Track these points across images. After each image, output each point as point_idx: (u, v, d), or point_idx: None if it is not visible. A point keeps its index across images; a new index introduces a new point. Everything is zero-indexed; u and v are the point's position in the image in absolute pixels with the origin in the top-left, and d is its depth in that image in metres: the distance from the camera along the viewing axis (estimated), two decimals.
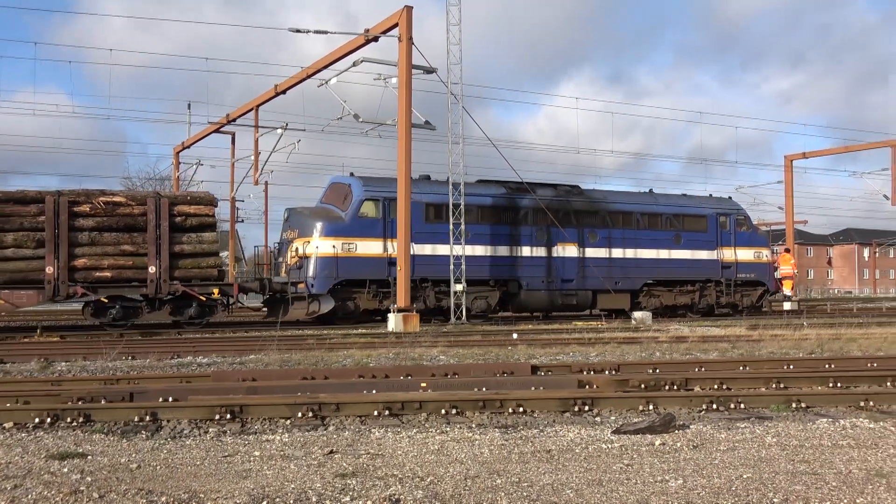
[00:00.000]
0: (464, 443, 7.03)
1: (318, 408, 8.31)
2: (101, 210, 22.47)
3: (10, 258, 21.66)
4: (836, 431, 7.49)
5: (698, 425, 7.80)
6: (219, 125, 35.73)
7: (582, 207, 28.99)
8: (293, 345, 16.46)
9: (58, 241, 21.91)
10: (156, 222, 22.75)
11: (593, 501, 5.13)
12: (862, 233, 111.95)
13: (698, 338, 17.92)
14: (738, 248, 31.60)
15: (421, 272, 25.34)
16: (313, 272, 24.46)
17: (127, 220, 22.71)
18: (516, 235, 27.48)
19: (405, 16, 24.01)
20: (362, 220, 24.93)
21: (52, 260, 21.85)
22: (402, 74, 24.24)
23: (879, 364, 12.36)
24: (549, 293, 27.97)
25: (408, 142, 24.23)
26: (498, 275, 27.27)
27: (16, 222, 21.87)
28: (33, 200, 22.14)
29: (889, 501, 5.07)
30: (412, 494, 5.30)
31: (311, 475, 5.85)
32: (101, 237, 22.48)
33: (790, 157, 48.12)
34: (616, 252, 29.11)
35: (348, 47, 26.28)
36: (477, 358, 14.24)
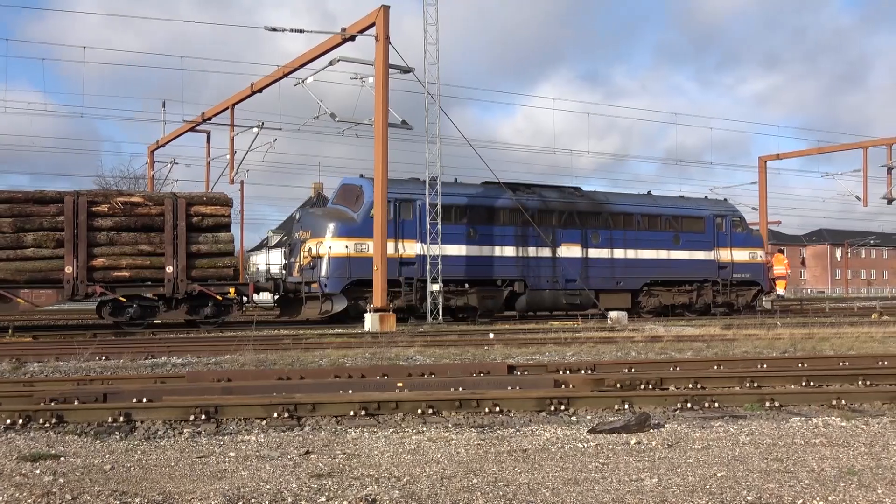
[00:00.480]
0: (440, 442, 7.03)
1: (294, 408, 8.28)
2: (120, 210, 22.82)
3: (31, 258, 21.96)
4: (808, 430, 7.56)
5: (673, 424, 7.85)
6: (194, 124, 35.49)
7: (585, 209, 29.65)
8: (269, 345, 16.39)
9: (77, 241, 22.16)
10: (173, 222, 23.10)
11: (569, 501, 5.15)
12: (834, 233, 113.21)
13: (673, 337, 18.04)
14: (733, 248, 32.44)
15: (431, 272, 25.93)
16: (326, 272, 24.91)
17: (144, 220, 23.06)
18: (522, 236, 28.01)
19: (382, 15, 23.98)
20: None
21: (72, 259, 22.09)
22: (379, 74, 24.21)
23: (851, 363, 12.50)
24: (554, 293, 28.52)
25: (384, 141, 24.20)
26: (504, 275, 27.72)
27: (35, 222, 22.17)
28: (53, 200, 22.41)
29: (861, 499, 5.13)
30: (388, 494, 5.29)
31: (286, 476, 5.83)
32: (120, 237, 22.82)
33: (764, 159, 48.54)
34: (618, 252, 29.84)
35: (325, 46, 26.21)
36: (453, 358, 14.25)
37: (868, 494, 5.22)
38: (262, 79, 30.54)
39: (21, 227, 21.99)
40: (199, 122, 35.33)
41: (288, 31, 24.77)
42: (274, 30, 24.38)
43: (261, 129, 32.82)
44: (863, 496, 5.19)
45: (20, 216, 22.08)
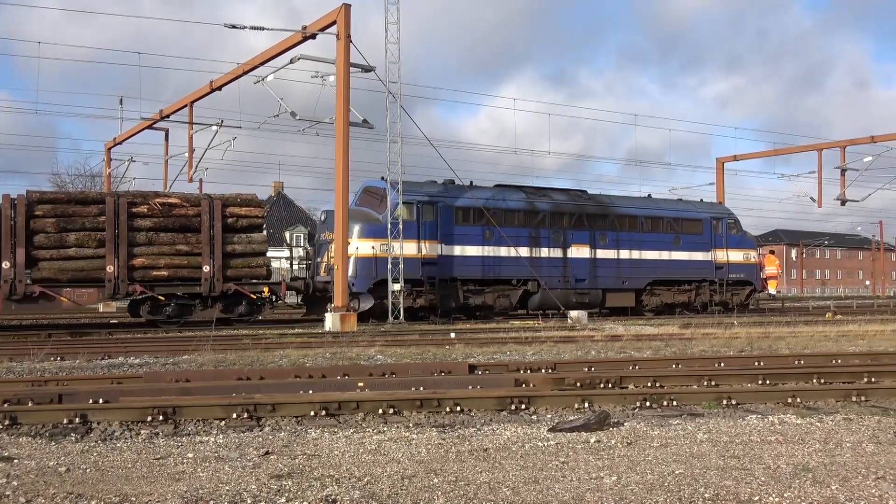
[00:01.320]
0: (401, 442, 7.02)
1: (254, 408, 8.22)
2: (158, 211, 23.53)
3: (73, 257, 22.49)
4: (764, 427, 7.67)
5: (632, 422, 7.91)
6: (152, 121, 35.02)
7: (593, 211, 30.76)
8: (228, 345, 16.24)
9: (118, 241, 22.85)
10: (209, 223, 23.85)
11: (530, 499, 5.17)
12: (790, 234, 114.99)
13: (633, 336, 18.20)
14: (729, 249, 33.80)
15: (451, 272, 27.11)
16: (354, 272, 25.61)
17: (182, 220, 23.77)
18: (535, 238, 29.08)
19: (343, 13, 23.88)
20: (398, 223, 26.09)
21: (113, 259, 22.73)
22: (340, 72, 24.10)
23: (806, 361, 12.70)
24: (565, 292, 29.43)
25: (345, 140, 24.11)
26: (519, 274, 28.56)
27: (77, 222, 22.69)
28: (94, 201, 23.16)
29: (815, 495, 5.21)
30: (349, 495, 5.27)
31: (245, 477, 5.78)
32: (158, 237, 23.45)
33: (721, 160, 49.14)
34: (623, 253, 30.95)
35: (286, 44, 26.04)
36: (415, 357, 14.24)
37: (822, 491, 5.31)
38: (222, 76, 30.25)
39: (64, 227, 22.50)
40: (157, 120, 34.88)
41: (248, 28, 24.56)
42: (234, 27, 24.15)
43: (220, 127, 32.52)
44: (817, 492, 5.27)
45: (63, 216, 22.58)
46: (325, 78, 25.81)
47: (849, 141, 47.63)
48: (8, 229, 21.95)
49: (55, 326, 23.45)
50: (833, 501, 5.07)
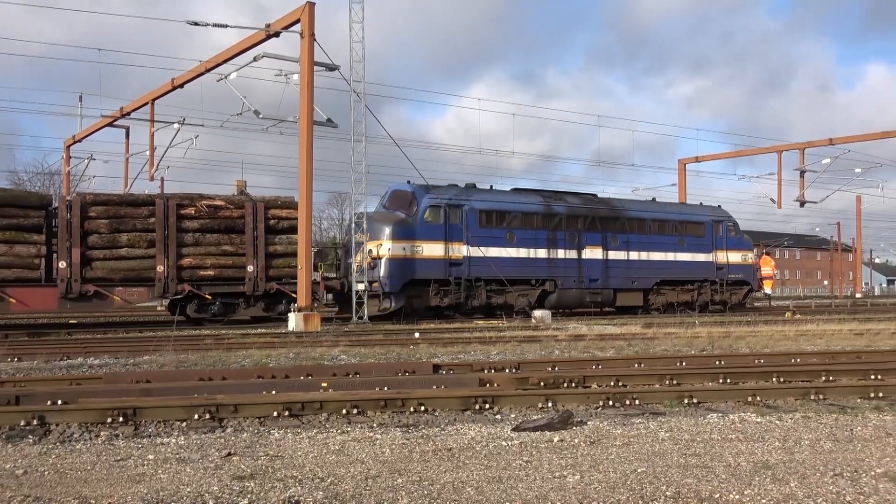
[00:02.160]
0: (365, 442, 7.00)
1: (216, 409, 8.13)
2: (205, 213, 24.54)
3: (125, 257, 23.55)
4: (725, 426, 7.75)
5: (595, 421, 7.96)
6: (112, 118, 34.55)
7: (605, 214, 32.16)
8: (190, 345, 16.09)
9: (167, 242, 23.82)
10: (253, 225, 24.98)
11: (493, 498, 5.17)
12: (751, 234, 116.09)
13: (596, 336, 18.31)
14: (729, 251, 35.52)
15: (475, 272, 28.08)
16: (385, 272, 26.54)
17: (227, 222, 24.85)
18: (552, 239, 30.33)
19: (307, 12, 23.77)
20: (427, 225, 27.31)
21: (163, 259, 23.74)
22: (304, 71, 23.99)
23: (766, 360, 12.87)
24: (580, 291, 30.91)
25: (309, 139, 24.00)
26: (537, 275, 29.89)
27: (129, 224, 23.72)
28: (144, 203, 24.13)
29: (774, 492, 5.28)
30: (312, 495, 5.24)
31: (207, 478, 5.72)
32: (205, 238, 24.47)
33: (683, 161, 49.67)
34: (633, 255, 32.41)
35: (249, 42, 25.85)
36: (378, 357, 14.21)
37: (781, 488, 5.38)
38: (184, 74, 29.93)
39: (116, 228, 23.55)
40: (117, 118, 34.42)
41: (211, 25, 24.32)
42: (196, 24, 23.90)
43: (182, 125, 32.20)
44: (776, 489, 5.34)
45: (115, 218, 23.61)
46: (289, 76, 25.68)
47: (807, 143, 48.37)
48: (64, 230, 22.87)
49: (12, 327, 23.04)
50: (792, 498, 5.14)
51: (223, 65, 27.57)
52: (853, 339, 18.27)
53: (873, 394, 9.54)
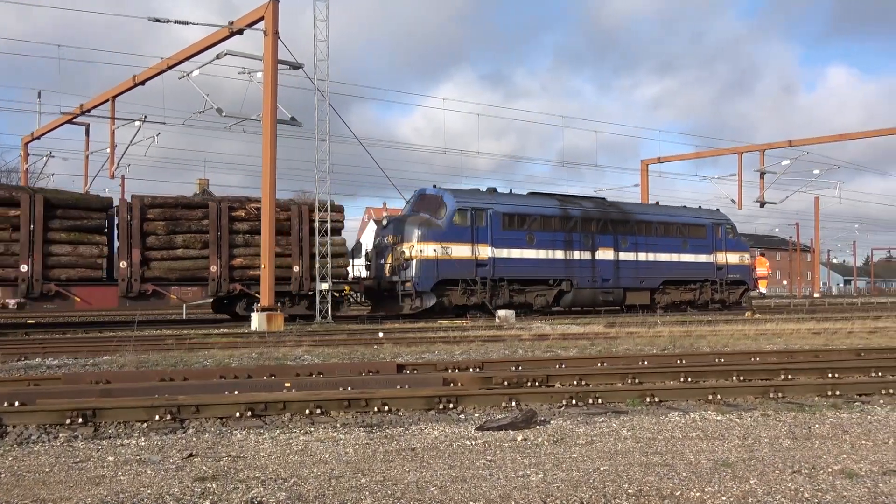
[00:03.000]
0: (328, 443, 6.97)
1: (177, 410, 8.05)
2: (254, 215, 25.44)
3: (181, 258, 24.58)
4: (686, 424, 7.84)
5: (558, 420, 8.00)
6: (72, 115, 34.02)
7: (616, 217, 33.83)
8: (151, 345, 15.91)
9: (220, 243, 24.99)
10: (298, 227, 26.16)
11: (457, 498, 5.18)
12: None
13: (559, 335, 18.40)
14: (727, 252, 37.35)
15: (499, 273, 29.50)
16: (417, 273, 27.76)
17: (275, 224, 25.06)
18: (568, 241, 31.84)
19: (271, 9, 23.61)
20: (455, 227, 28.73)
21: (216, 259, 24.88)
22: (268, 69, 23.83)
23: (726, 359, 13.02)
24: (593, 291, 32.54)
25: (273, 138, 23.84)
26: (555, 275, 31.35)
27: (184, 225, 24.78)
28: (198, 206, 25.22)
29: (734, 489, 5.35)
30: (275, 496, 5.21)
31: (168, 480, 5.66)
32: (253, 239, 25.39)
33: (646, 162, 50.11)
34: (641, 256, 34.11)
35: (212, 39, 25.60)
36: (342, 357, 14.16)
37: (741, 485, 5.45)
38: (145, 71, 29.55)
39: (172, 229, 24.58)
40: (77, 115, 33.89)
41: (173, 22, 24.06)
42: (158, 20, 23.63)
43: (143, 123, 31.77)
44: (736, 486, 5.41)
45: (171, 220, 24.66)
46: (253, 74, 25.48)
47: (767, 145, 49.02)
48: (125, 231, 24.02)
49: None
50: (751, 495, 5.21)
51: (186, 62, 27.29)
52: (811, 338, 18.56)
53: (830, 392, 9.70)
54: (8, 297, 22.61)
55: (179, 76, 27.42)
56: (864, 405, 9.05)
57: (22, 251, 22.63)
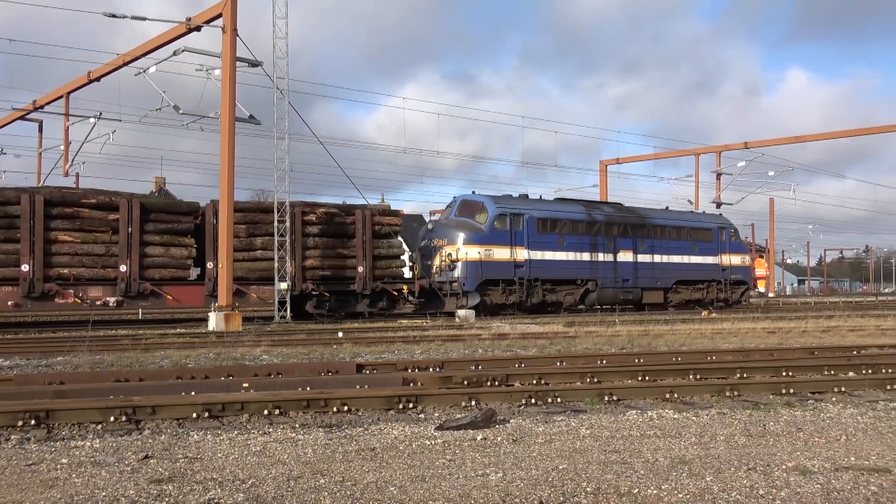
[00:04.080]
0: (287, 443, 6.92)
1: (133, 411, 7.94)
2: (323, 219, 27.54)
3: (259, 259, 26.30)
4: (644, 422, 7.91)
5: (518, 419, 8.02)
6: (24, 112, 33.39)
7: (634, 222, 36.29)
8: (106, 346, 15.67)
9: (294, 245, 26.57)
10: (363, 230, 27.95)
11: (417, 497, 5.17)
12: None
13: (519, 335, 18.47)
14: (731, 254, 39.93)
15: (535, 273, 31.72)
16: (463, 273, 29.96)
17: (340, 228, 27.85)
18: (594, 244, 34.18)
19: (229, 6, 23.38)
20: (496, 231, 30.92)
21: (291, 260, 26.30)
22: (226, 67, 23.60)
23: (683, 358, 13.16)
24: (615, 290, 34.82)
25: (231, 136, 23.62)
26: (581, 275, 33.68)
27: (262, 228, 26.43)
28: (270, 210, 26.46)
29: (691, 487, 5.40)
30: (232, 498, 5.16)
31: (123, 482, 5.58)
32: (322, 242, 27.46)
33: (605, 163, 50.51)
34: (657, 258, 36.54)
35: (170, 35, 25.30)
36: (301, 357, 14.08)
37: (697, 482, 5.51)
38: (101, 67, 29.10)
39: (252, 232, 26.33)
40: (29, 111, 33.27)
41: (129, 18, 23.72)
42: (114, 16, 23.28)
43: (98, 120, 31.28)
44: (693, 484, 5.47)
45: (251, 223, 26.41)
46: (211, 72, 25.23)
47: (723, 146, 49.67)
48: (211, 233, 25.26)
49: None
50: (707, 492, 5.27)
51: (143, 59, 26.91)
52: (766, 337, 18.84)
53: (785, 390, 9.86)
54: (108, 296, 24.14)
55: (136, 73, 27.05)
56: (818, 403, 9.21)
57: (121, 252, 24.22)
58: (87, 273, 23.87)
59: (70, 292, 23.51)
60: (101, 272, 24.03)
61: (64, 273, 23.55)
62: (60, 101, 31.67)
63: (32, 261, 23.10)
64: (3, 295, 23.01)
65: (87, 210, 24.18)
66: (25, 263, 23.03)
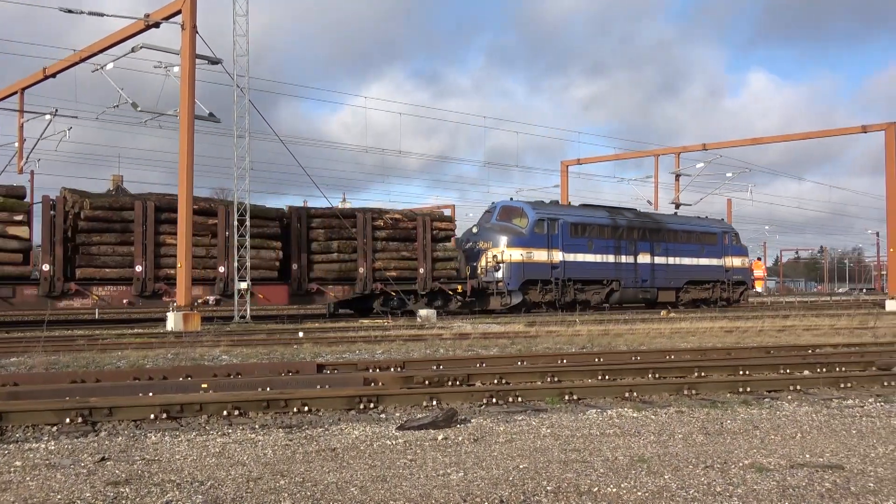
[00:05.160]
0: (246, 444, 6.86)
1: (89, 412, 7.82)
2: (389, 225, 30.10)
3: (335, 261, 28.78)
4: (603, 421, 7.97)
5: (479, 419, 8.04)
6: None
7: (651, 226, 39.38)
8: (61, 346, 15.44)
9: (365, 249, 29.15)
10: (423, 235, 30.57)
11: (377, 498, 5.16)
12: None
13: (480, 335, 18.51)
14: (733, 256, 43.08)
15: (568, 274, 34.74)
16: (507, 274, 32.75)
17: (404, 232, 30.41)
18: (617, 247, 37.11)
19: (189, 2, 23.14)
20: (536, 235, 33.88)
21: (363, 262, 29.04)
22: (185, 64, 23.35)
23: (642, 357, 13.30)
24: (635, 290, 37.85)
25: (190, 134, 23.38)
26: (607, 276, 36.62)
27: (338, 233, 28.91)
28: (349, 216, 29.53)
29: (650, 485, 5.46)
30: (191, 500, 5.10)
31: (79, 484, 5.49)
32: (389, 245, 29.99)
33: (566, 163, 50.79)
34: (671, 260, 39.61)
35: (128, 31, 24.95)
36: (261, 357, 13.98)
37: (656, 480, 5.57)
38: (57, 63, 28.61)
39: (329, 237, 28.75)
40: None
41: (86, 13, 23.35)
42: (70, 11, 22.89)
43: (54, 116, 30.75)
44: (651, 482, 5.52)
45: (329, 228, 28.80)
46: (170, 69, 24.94)
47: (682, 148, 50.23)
48: (296, 237, 27.95)
49: None
50: (666, 490, 5.32)
51: (100, 55, 26.50)
52: (723, 336, 19.09)
53: (742, 388, 10.00)
54: (208, 295, 26.08)
55: (93, 69, 26.64)
56: (774, 401, 9.35)
57: (219, 255, 26.25)
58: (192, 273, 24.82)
59: (175, 291, 24.32)
60: (202, 273, 25.88)
61: (171, 273, 24.96)
62: (15, 97, 31.09)
63: (145, 262, 25.10)
64: (118, 294, 24.96)
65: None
66: (139, 264, 25.02)
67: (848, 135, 45.65)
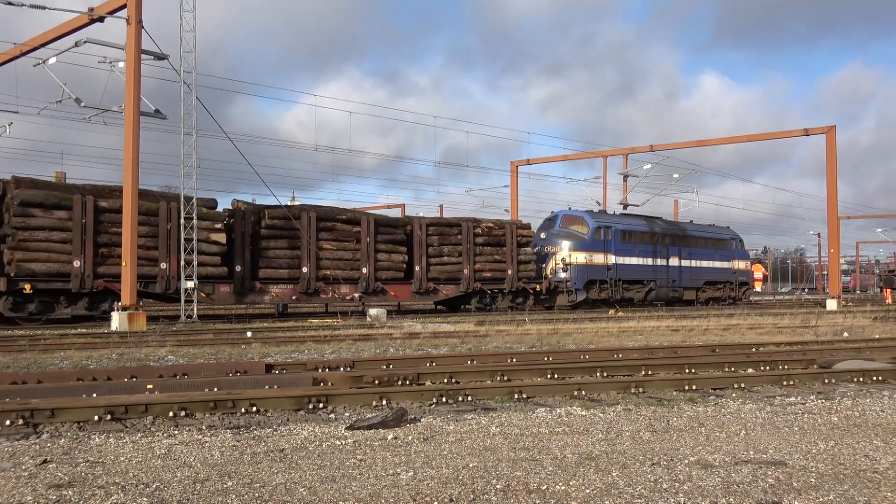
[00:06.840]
0: (193, 445, 6.77)
1: (30, 414, 7.64)
2: (485, 232, 34.65)
3: (446, 263, 33.34)
4: (552, 419, 8.02)
5: (429, 418, 8.04)
6: None
7: (678, 233, 44.82)
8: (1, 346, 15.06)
9: (468, 253, 33.86)
10: (510, 240, 35.20)
11: (326, 498, 5.13)
12: None
13: (430, 334, 18.52)
14: (739, 260, 49.15)
15: (619, 275, 40.06)
16: (574, 275, 38.05)
17: (496, 238, 34.98)
18: (654, 251, 42.46)
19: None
20: (595, 241, 39.06)
21: (466, 265, 33.81)
22: (130, 59, 22.97)
23: (591, 356, 13.42)
24: (667, 289, 43.00)
25: (135, 130, 23.00)
26: (647, 276, 42.04)
27: (448, 239, 33.59)
28: (453, 225, 34.14)
29: (598, 482, 5.51)
30: (136, 502, 5.01)
31: (20, 488, 5.36)
32: (485, 250, 34.61)
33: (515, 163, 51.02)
34: (693, 263, 45.13)
35: (71, 25, 24.44)
36: (209, 357, 13.80)
37: (604, 477, 5.62)
38: None
39: (441, 242, 33.36)
40: None
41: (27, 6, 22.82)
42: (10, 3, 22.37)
43: None
44: (600, 479, 5.57)
45: (440, 235, 33.39)
46: (115, 64, 24.50)
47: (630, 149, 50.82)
48: (418, 244, 32.46)
49: None
50: (613, 487, 5.38)
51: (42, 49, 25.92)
52: (670, 335, 19.36)
53: (688, 387, 10.14)
54: (353, 292, 30.64)
55: (35, 63, 26.05)
56: (719, 399, 9.50)
57: (362, 258, 30.87)
58: (342, 274, 30.28)
59: (329, 289, 29.89)
60: (349, 273, 30.59)
61: (327, 274, 29.99)
62: None
63: (309, 264, 29.41)
64: (288, 291, 29.30)
65: (340, 224, 30.82)
66: (305, 266, 29.37)
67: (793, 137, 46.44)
